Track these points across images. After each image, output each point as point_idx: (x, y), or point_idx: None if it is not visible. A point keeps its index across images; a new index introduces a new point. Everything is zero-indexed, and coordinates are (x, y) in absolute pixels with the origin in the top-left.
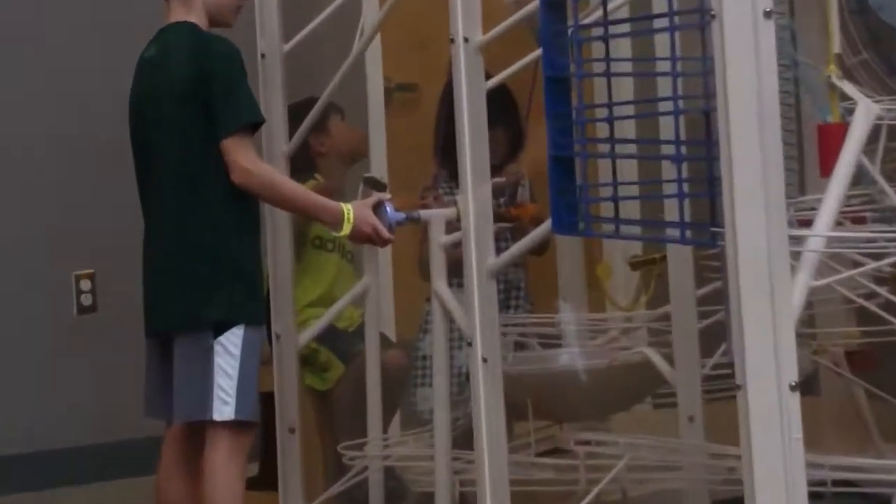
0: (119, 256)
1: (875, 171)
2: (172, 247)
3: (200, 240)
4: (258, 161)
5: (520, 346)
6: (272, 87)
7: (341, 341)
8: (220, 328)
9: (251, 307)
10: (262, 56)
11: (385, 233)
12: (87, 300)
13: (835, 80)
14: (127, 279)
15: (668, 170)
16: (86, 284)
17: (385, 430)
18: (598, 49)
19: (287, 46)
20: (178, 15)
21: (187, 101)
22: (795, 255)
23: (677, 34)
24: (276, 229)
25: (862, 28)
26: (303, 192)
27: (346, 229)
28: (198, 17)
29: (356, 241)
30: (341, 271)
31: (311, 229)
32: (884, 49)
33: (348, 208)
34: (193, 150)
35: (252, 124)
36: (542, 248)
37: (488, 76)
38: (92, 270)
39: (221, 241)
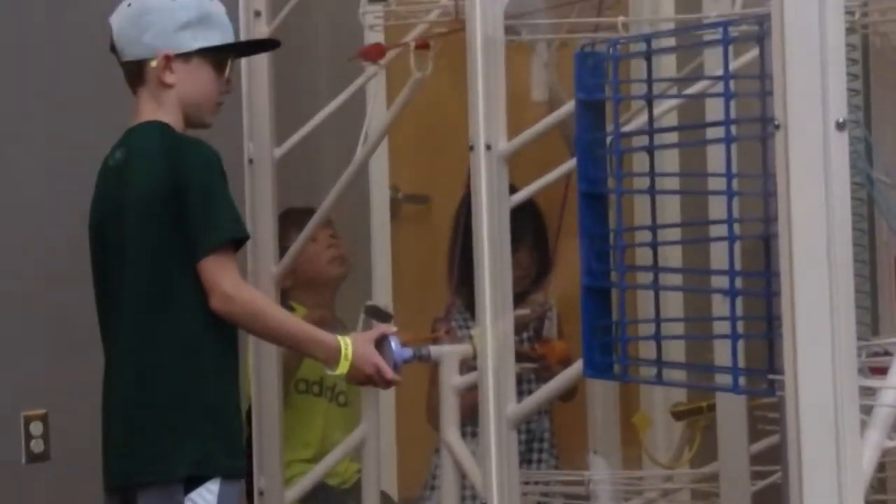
0: (76, 394)
1: None
2: (137, 385)
3: (170, 378)
4: (242, 284)
5: None
6: (261, 198)
7: (333, 502)
8: (192, 482)
9: (228, 460)
10: (250, 161)
11: (389, 373)
12: (37, 446)
13: None
14: (85, 422)
15: (719, 305)
16: (37, 427)
17: None
18: (641, 160)
19: (279, 151)
20: (147, 113)
21: (157, 215)
22: (866, 409)
23: (734, 146)
24: (262, 365)
25: None
26: (294, 322)
27: (344, 367)
28: (171, 116)
29: (355, 381)
30: (330, 419)
31: (298, 369)
32: None
33: (346, 342)
34: (164, 272)
35: (234, 241)
36: (570, 393)
37: (513, 189)
38: (44, 411)
39: (195, 380)
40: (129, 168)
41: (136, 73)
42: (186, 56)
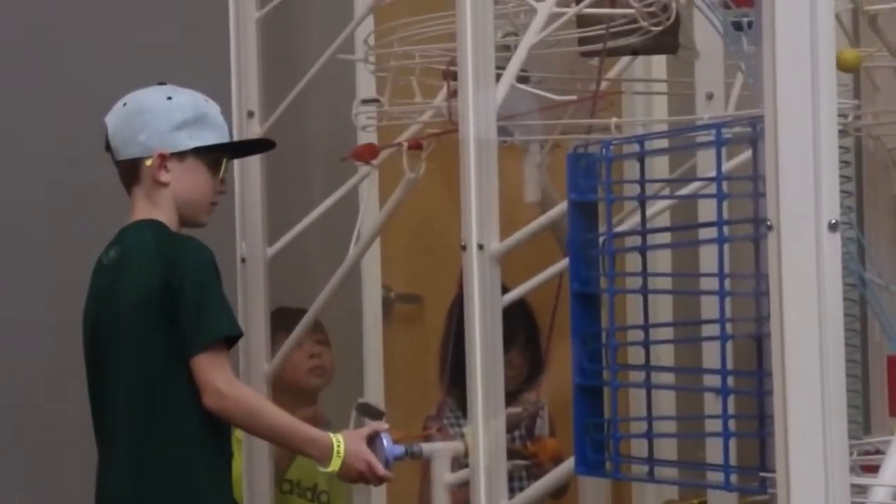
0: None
1: None
2: (132, 484)
3: (164, 477)
4: (235, 381)
5: None
6: (253, 297)
7: None
8: None
9: None
10: (243, 260)
11: (381, 469)
12: None
13: None
14: None
15: (711, 404)
16: None
17: None
18: (633, 260)
19: (271, 250)
20: (141, 211)
21: (152, 313)
22: None
23: (727, 247)
24: (253, 465)
25: None
26: (287, 419)
27: (336, 465)
28: (165, 214)
29: (347, 478)
30: None
31: (288, 470)
32: None
33: (339, 439)
34: (158, 371)
35: (228, 339)
36: (561, 490)
37: (505, 289)
38: None
39: (189, 478)
40: (123, 266)
41: (130, 171)
42: (182, 155)
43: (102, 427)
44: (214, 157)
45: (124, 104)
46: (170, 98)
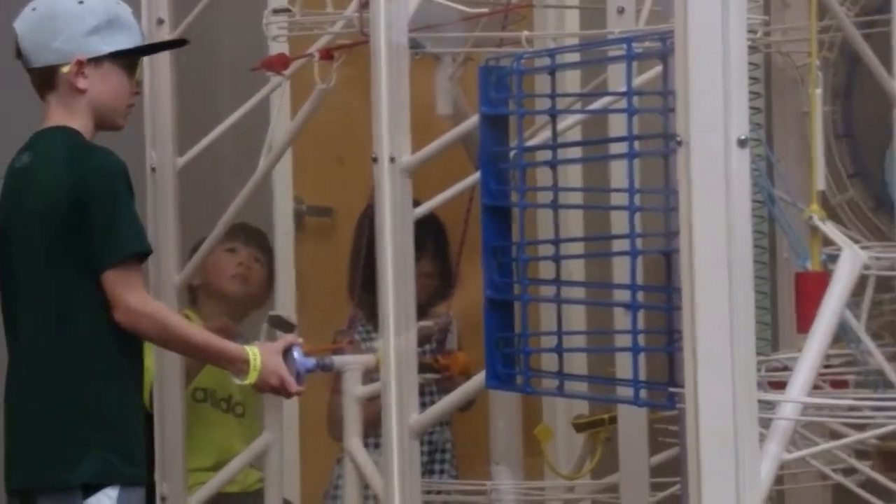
0: None
1: (860, 327)
2: (37, 394)
3: (70, 389)
4: (146, 298)
5: None
6: (163, 207)
7: None
8: (91, 488)
9: (128, 468)
10: (153, 170)
11: (293, 385)
12: None
13: (817, 221)
14: None
15: (621, 319)
16: None
17: None
18: (544, 175)
19: (181, 160)
20: (56, 118)
21: (61, 224)
22: (765, 423)
23: (637, 162)
24: (164, 372)
25: (848, 157)
26: (200, 334)
27: (253, 377)
28: (80, 122)
29: (260, 390)
30: (228, 429)
31: (196, 377)
32: (873, 183)
33: (255, 353)
34: (66, 283)
35: (138, 255)
36: (468, 403)
37: (416, 203)
38: None
39: (95, 391)
40: (34, 173)
41: (45, 79)
42: (98, 60)
43: (12, 331)
44: (129, 59)
45: (33, 9)
46: (81, 2)
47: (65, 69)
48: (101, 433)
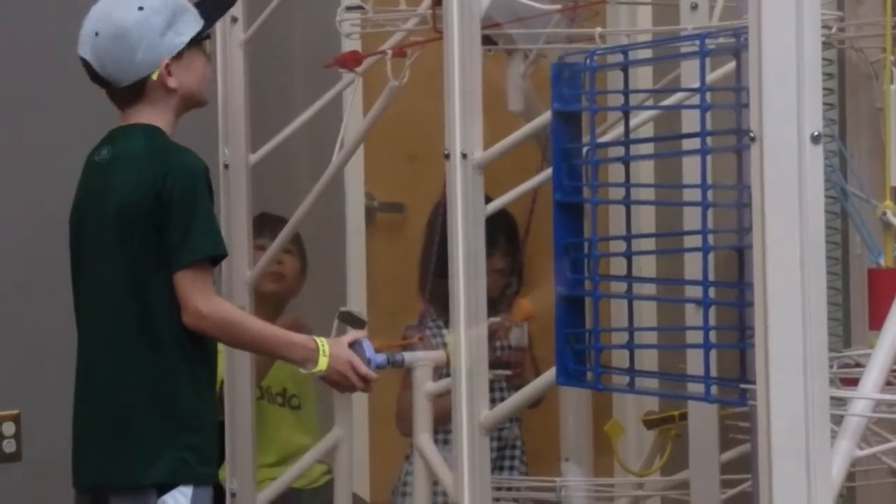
0: (49, 394)
1: None
2: (111, 392)
3: (146, 387)
4: (214, 300)
5: None
6: (235, 204)
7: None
8: (165, 487)
9: (202, 467)
10: (226, 167)
11: (364, 368)
12: (10, 446)
13: (890, 217)
14: (58, 422)
15: (692, 315)
16: (9, 428)
17: None
18: (616, 171)
19: (254, 157)
20: (140, 116)
21: (139, 221)
22: (837, 419)
23: (709, 158)
24: (234, 371)
25: None
26: (268, 329)
27: (323, 364)
28: (164, 118)
29: (330, 382)
30: (286, 423)
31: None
32: None
33: (322, 341)
34: (143, 280)
35: (212, 257)
36: (539, 399)
37: (487, 199)
38: (17, 411)
39: (170, 389)
40: (114, 168)
41: (135, 92)
42: (179, 53)
43: (85, 327)
44: (200, 39)
45: (96, 34)
46: (141, 8)
47: (154, 76)
48: (177, 431)
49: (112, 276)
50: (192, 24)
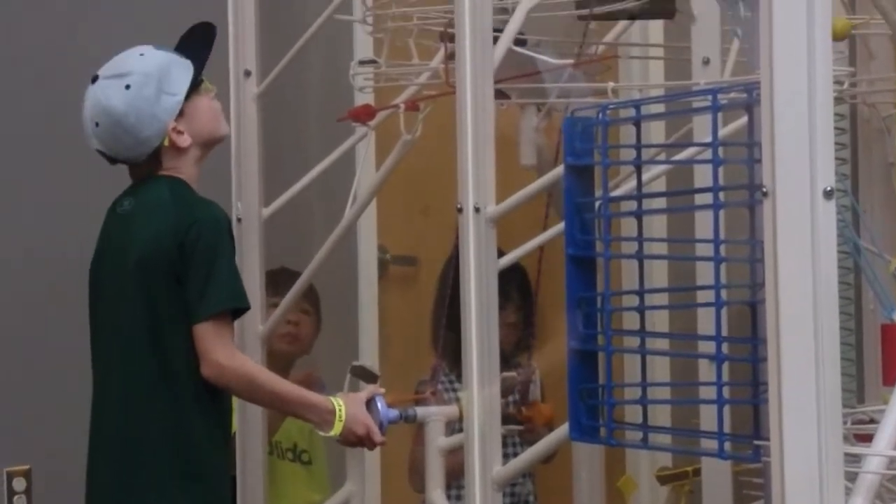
0: (60, 450)
1: None
2: (126, 442)
3: (161, 440)
4: (234, 353)
5: None
6: (248, 257)
7: None
8: None
9: None
10: (239, 220)
11: (379, 436)
12: (20, 502)
13: None
14: (69, 478)
15: (705, 370)
16: (20, 483)
17: None
18: (629, 225)
19: (267, 211)
20: (161, 168)
21: (160, 273)
22: (851, 476)
23: (722, 212)
24: (247, 428)
25: None
26: (285, 386)
27: (338, 429)
28: (186, 171)
29: (345, 442)
30: (297, 478)
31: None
32: None
33: (339, 404)
34: (162, 332)
35: (232, 310)
36: (550, 455)
37: (501, 252)
38: (27, 466)
39: (186, 443)
40: (137, 219)
41: (153, 161)
42: (180, 111)
43: (100, 378)
44: (195, 83)
45: (96, 124)
46: (128, 87)
47: (165, 143)
48: (191, 485)
49: (131, 327)
50: (182, 76)
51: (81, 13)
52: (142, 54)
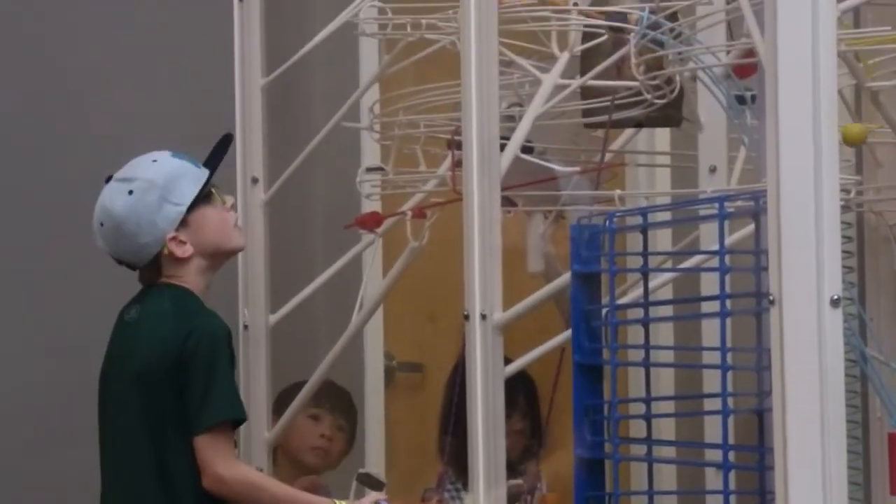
0: None
1: None
2: None
3: None
4: (234, 463)
5: None
6: (255, 364)
7: None
8: None
9: None
10: (245, 327)
11: None
12: None
13: None
14: None
15: (712, 478)
16: None
17: None
18: (635, 332)
19: (274, 318)
20: (168, 276)
21: (160, 384)
22: None
23: (729, 320)
24: None
25: None
26: (289, 493)
27: None
28: (192, 280)
29: None
30: None
31: None
32: None
33: None
34: (164, 442)
35: (231, 421)
36: None
37: (507, 360)
38: None
39: None
40: (139, 330)
41: (152, 268)
42: (184, 221)
43: (109, 482)
44: (204, 193)
45: (101, 224)
46: (131, 192)
47: (165, 251)
48: None
49: (133, 436)
50: (189, 186)
51: (93, 122)
52: (154, 160)
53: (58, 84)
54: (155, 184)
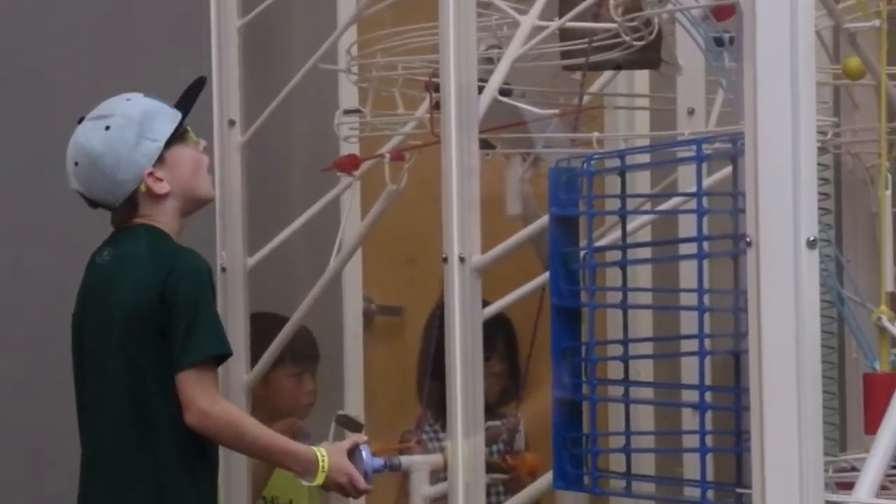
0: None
1: None
2: (111, 493)
3: (147, 494)
4: (218, 400)
5: None
6: (233, 307)
7: None
8: None
9: None
10: (223, 270)
11: (362, 482)
12: None
13: (885, 322)
14: None
15: (689, 419)
16: None
17: None
18: (613, 275)
19: (252, 260)
20: (141, 217)
21: (142, 324)
22: None
23: (706, 262)
24: (231, 480)
25: None
26: (269, 435)
27: (320, 479)
28: (166, 220)
29: (327, 489)
30: None
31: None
32: None
33: (322, 454)
34: (145, 384)
35: (216, 357)
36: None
37: (485, 302)
38: None
39: (172, 497)
40: (116, 271)
41: (129, 206)
42: (160, 158)
43: (86, 430)
44: (179, 132)
45: (76, 163)
46: (108, 128)
47: (142, 188)
48: None
49: (114, 380)
50: (165, 123)
51: (68, 66)
52: (128, 99)
53: (33, 21)
54: (133, 119)
